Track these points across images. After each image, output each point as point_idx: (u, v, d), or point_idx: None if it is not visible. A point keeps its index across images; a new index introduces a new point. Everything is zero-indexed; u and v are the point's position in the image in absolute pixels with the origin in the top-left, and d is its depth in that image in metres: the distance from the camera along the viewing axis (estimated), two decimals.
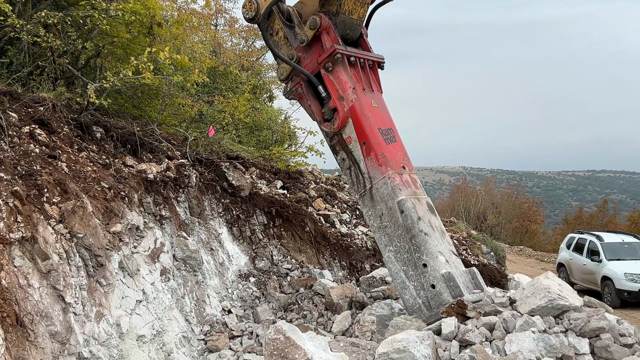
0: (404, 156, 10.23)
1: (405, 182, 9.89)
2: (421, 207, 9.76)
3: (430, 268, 9.25)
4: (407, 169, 10.10)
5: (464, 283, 9.33)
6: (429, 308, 9.27)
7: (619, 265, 21.55)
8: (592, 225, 54.74)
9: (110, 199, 9.37)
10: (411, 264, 9.45)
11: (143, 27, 13.15)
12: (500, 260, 18.77)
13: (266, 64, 26.48)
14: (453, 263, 9.52)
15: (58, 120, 10.22)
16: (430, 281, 9.23)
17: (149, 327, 9.02)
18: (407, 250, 9.51)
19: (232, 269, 12.25)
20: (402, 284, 9.55)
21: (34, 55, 11.88)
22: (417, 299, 9.36)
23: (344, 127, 10.14)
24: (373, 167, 9.91)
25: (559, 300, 8.56)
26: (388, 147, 9.98)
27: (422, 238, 9.37)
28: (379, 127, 10.12)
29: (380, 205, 9.83)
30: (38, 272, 7.38)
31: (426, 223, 9.57)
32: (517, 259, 35.82)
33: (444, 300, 9.07)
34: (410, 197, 9.71)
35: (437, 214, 10.14)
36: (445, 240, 9.88)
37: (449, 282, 9.09)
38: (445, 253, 9.49)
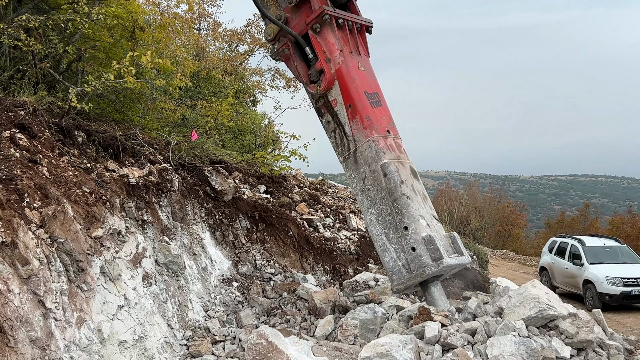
0: (389, 120, 10.29)
1: (389, 145, 9.94)
2: (404, 171, 9.80)
3: (411, 231, 9.30)
4: (392, 133, 10.15)
5: (444, 247, 9.40)
6: (409, 270, 9.34)
7: (601, 269, 21.71)
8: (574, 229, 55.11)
9: (91, 203, 9.32)
10: (392, 227, 9.50)
11: (125, 31, 13.12)
12: (483, 264, 18.82)
13: (249, 68, 26.46)
14: (434, 227, 9.60)
15: (39, 124, 10.15)
16: (411, 244, 9.30)
17: (131, 333, 8.96)
18: (388, 213, 9.55)
19: (215, 274, 12.21)
20: (383, 246, 9.61)
21: (15, 59, 11.79)
22: (397, 262, 9.44)
23: (330, 90, 10.17)
24: (358, 130, 9.96)
25: (548, 310, 8.64)
26: (374, 110, 10.03)
27: (404, 201, 9.43)
28: (365, 90, 10.17)
29: (364, 168, 9.88)
30: (18, 278, 7.31)
31: (409, 187, 9.62)
32: (500, 263, 35.97)
33: (424, 262, 9.14)
34: (394, 160, 9.76)
35: (420, 179, 10.20)
36: (427, 204, 9.92)
37: (430, 245, 9.17)
38: (426, 217, 9.56)
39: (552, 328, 8.70)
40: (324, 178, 23.87)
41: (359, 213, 17.81)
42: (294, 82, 26.05)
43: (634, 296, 20.86)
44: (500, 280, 10.58)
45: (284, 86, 25.74)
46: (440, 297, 9.74)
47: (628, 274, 21.26)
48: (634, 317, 19.83)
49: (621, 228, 55.73)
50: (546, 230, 65.86)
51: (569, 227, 59.13)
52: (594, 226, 60.55)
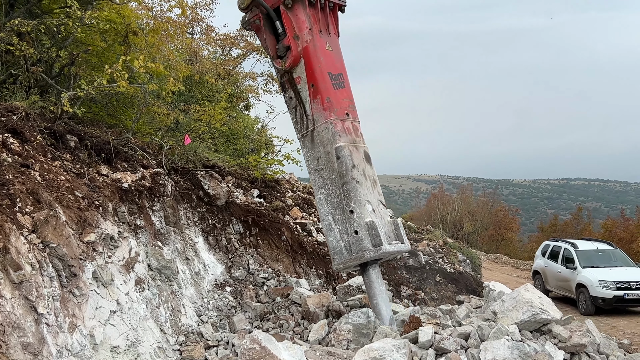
0: (350, 103, 10.45)
1: (346, 129, 10.13)
2: (358, 156, 10.02)
3: (356, 215, 9.62)
4: (351, 116, 10.34)
5: (386, 233, 9.77)
6: (350, 252, 9.69)
7: (594, 273, 21.74)
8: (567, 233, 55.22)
9: (84, 208, 9.29)
10: (339, 209, 9.80)
11: (118, 35, 13.09)
12: (476, 268, 18.84)
13: (243, 73, 26.46)
14: (379, 213, 9.91)
15: (31, 129, 10.12)
16: (354, 227, 9.63)
17: (124, 338, 8.93)
18: (337, 195, 9.83)
19: (208, 279, 12.18)
20: (329, 226, 9.93)
21: (7, 64, 11.76)
22: (340, 242, 9.77)
23: (295, 67, 10.28)
24: (318, 110, 10.12)
25: (541, 314, 8.66)
26: (335, 92, 10.18)
27: (353, 185, 9.72)
28: (330, 71, 10.28)
29: (319, 149, 10.10)
30: (10, 283, 7.28)
31: (360, 172, 9.87)
32: (493, 267, 36.03)
33: (364, 247, 9.49)
34: (349, 144, 9.96)
35: (373, 164, 10.43)
36: (376, 190, 10.21)
37: (371, 230, 9.48)
38: (373, 202, 9.85)
39: (545, 332, 8.73)
40: None
41: None
42: None
43: (626, 300, 20.90)
44: (493, 285, 10.61)
45: (277, 90, 25.73)
46: (376, 279, 10.10)
47: (621, 277, 21.29)
48: (627, 320, 19.87)
49: (614, 231, 55.92)
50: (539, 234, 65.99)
51: (562, 231, 59.27)
52: (587, 230, 60.71)
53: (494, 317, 9.07)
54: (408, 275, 15.58)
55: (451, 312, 10.27)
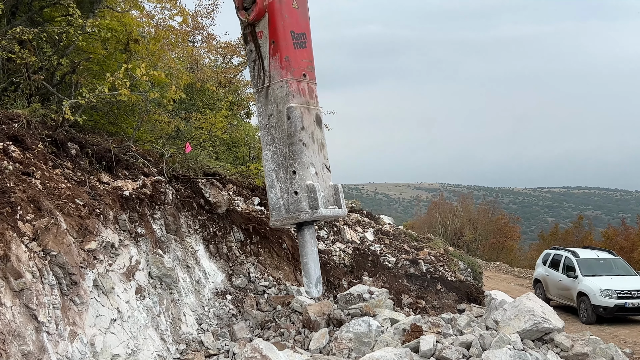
0: (309, 64, 10.54)
1: (301, 89, 10.25)
2: (309, 118, 10.18)
3: (298, 176, 9.93)
4: (308, 77, 10.42)
5: (326, 197, 10.09)
6: (287, 211, 10.03)
7: (595, 281, 21.70)
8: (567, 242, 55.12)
9: (85, 216, 9.28)
10: (283, 168, 10.05)
11: (119, 43, 13.12)
12: (477, 277, 18.82)
13: (244, 81, 26.50)
14: (322, 176, 10.18)
15: (32, 136, 10.12)
16: (295, 188, 9.94)
17: (124, 346, 8.90)
18: (283, 154, 10.04)
19: (209, 287, 12.16)
20: (271, 183, 10.19)
21: (9, 72, 11.77)
22: (280, 200, 10.08)
23: (259, 21, 10.29)
24: (275, 67, 10.18)
25: (543, 323, 8.63)
26: (295, 52, 10.25)
27: (299, 147, 9.95)
28: (293, 29, 10.32)
29: (272, 106, 10.22)
30: (11, 291, 7.26)
31: (308, 134, 10.06)
32: (494, 275, 35.97)
33: (302, 208, 9.84)
34: (302, 105, 10.11)
35: (323, 128, 10.65)
36: (322, 153, 10.40)
37: (311, 193, 9.79)
38: (317, 165, 10.13)
39: (547, 341, 8.70)
40: None
41: (354, 225, 17.81)
42: None
43: (628, 308, 20.86)
44: (495, 293, 10.57)
45: None
46: (310, 240, 10.46)
47: (622, 286, 21.25)
48: (629, 329, 19.82)
49: (615, 240, 55.86)
50: (540, 243, 65.89)
51: (563, 240, 59.17)
52: (588, 238, 60.61)
53: (495, 326, 9.04)
54: (409, 283, 15.55)
55: (452, 321, 10.23)
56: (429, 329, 9.40)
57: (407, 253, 16.96)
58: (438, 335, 9.02)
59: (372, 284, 14.20)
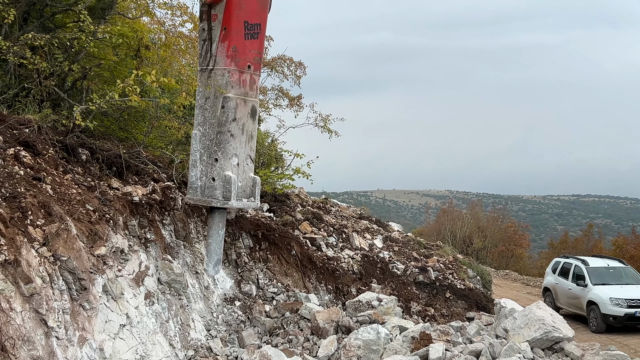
0: (257, 55, 10.74)
1: (242, 81, 10.50)
2: (243, 109, 10.48)
3: (219, 164, 10.33)
4: (253, 68, 10.65)
5: (242, 187, 10.56)
6: (202, 194, 10.51)
7: (605, 290, 21.54)
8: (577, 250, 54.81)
9: (94, 221, 9.30)
10: (208, 152, 10.40)
11: (130, 49, 13.17)
12: (486, 285, 18.71)
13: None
14: (243, 167, 10.59)
15: (43, 142, 10.17)
16: (214, 174, 10.38)
17: (133, 352, 8.91)
18: (211, 139, 10.38)
19: (218, 293, 12.16)
20: (194, 162, 10.57)
21: (20, 77, 11.83)
22: (198, 181, 10.51)
23: (216, 5, 10.42)
24: (222, 54, 10.36)
25: (553, 332, 8.58)
26: (245, 42, 10.42)
27: (226, 137, 10.32)
28: (247, 20, 10.45)
29: (211, 90, 10.47)
30: (21, 296, 7.28)
31: (239, 126, 10.41)
32: (503, 283, 35.79)
33: (215, 195, 10.33)
34: (238, 97, 10.39)
35: (257, 119, 11.01)
36: (249, 145, 10.77)
37: (227, 184, 10.24)
38: (241, 156, 10.52)
39: (557, 350, 8.64)
40: (326, 197, 23.84)
41: (362, 232, 17.78)
42: (298, 101, 26.12)
43: (638, 318, 20.68)
44: (505, 302, 10.51)
45: (288, 105, 25.76)
46: (218, 223, 10.94)
47: (632, 295, 21.08)
48: (639, 339, 19.67)
49: (625, 249, 55.47)
50: (549, 251, 65.51)
51: (573, 248, 58.83)
52: (598, 247, 60.21)
53: (505, 335, 9.00)
54: (418, 291, 15.49)
55: (462, 329, 10.19)
56: (438, 337, 9.37)
57: (416, 260, 16.90)
58: (447, 343, 8.98)
59: (381, 291, 14.16)
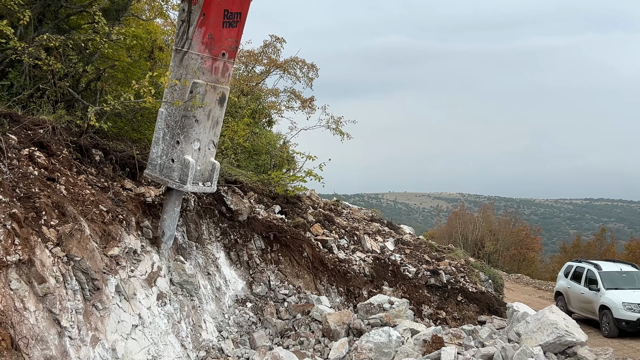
0: (233, 43, 10.67)
1: (214, 68, 10.46)
2: (211, 96, 10.49)
3: (180, 147, 10.34)
4: (227, 56, 10.60)
5: (201, 171, 10.59)
6: (160, 172, 10.50)
7: (617, 295, 21.40)
8: (590, 254, 54.51)
9: (108, 222, 9.34)
10: (171, 132, 10.42)
11: (144, 51, 13.22)
12: (498, 288, 18.67)
13: (265, 89, 26.59)
14: (204, 152, 10.63)
15: (57, 142, 10.22)
16: (173, 156, 10.37)
17: (145, 352, 8.94)
18: (176, 120, 10.39)
19: (229, 294, 12.18)
20: (157, 140, 10.58)
21: (35, 78, 11.90)
22: (158, 159, 10.51)
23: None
24: (197, 39, 10.28)
25: (566, 336, 8.54)
26: (222, 30, 10.36)
27: (190, 122, 10.34)
28: (227, 8, 10.40)
29: (183, 71, 10.42)
30: (34, 296, 7.32)
31: (205, 112, 10.44)
32: (515, 287, 35.64)
33: (172, 176, 10.34)
34: (208, 83, 10.38)
35: (225, 106, 10.94)
36: (214, 131, 10.81)
37: (185, 168, 10.26)
38: (203, 141, 10.56)
39: (570, 355, 8.60)
40: (338, 199, 23.84)
41: (374, 235, 17.77)
42: (310, 103, 26.15)
43: None
44: (517, 306, 10.47)
45: (300, 107, 25.83)
46: (174, 202, 10.87)
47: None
48: None
49: (638, 253, 55.11)
50: (561, 255, 65.18)
51: (585, 252, 58.52)
52: (610, 251, 59.87)
53: (517, 339, 8.97)
54: (429, 294, 15.47)
55: (474, 333, 10.17)
56: (450, 340, 9.34)
57: (427, 263, 16.88)
58: (459, 346, 8.96)
59: (392, 294, 14.14)
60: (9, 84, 11.58)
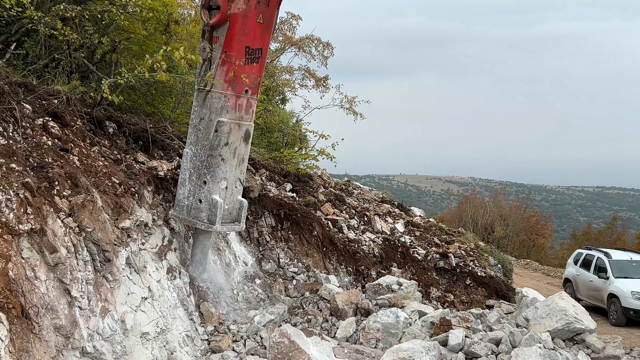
0: (256, 79, 10.60)
1: (238, 105, 10.40)
2: (236, 134, 10.41)
3: (207, 187, 10.27)
4: (250, 92, 10.55)
5: (229, 210, 10.52)
6: (188, 213, 10.42)
7: (626, 283, 21.33)
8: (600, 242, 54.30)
9: (120, 194, 9.37)
10: (197, 173, 10.35)
11: (160, 24, 13.16)
12: (507, 273, 18.61)
13: (280, 67, 26.50)
14: (232, 190, 10.56)
15: (71, 113, 10.23)
16: (201, 196, 10.30)
17: (153, 325, 8.99)
18: (201, 160, 10.31)
19: (238, 270, 12.22)
20: (183, 181, 10.49)
21: (50, 48, 11.89)
22: (185, 200, 10.42)
23: (219, 27, 10.23)
24: (220, 77, 10.22)
25: (575, 323, 8.52)
26: (244, 67, 10.28)
27: (216, 161, 10.26)
28: (249, 45, 10.30)
29: (206, 111, 10.35)
30: (45, 265, 7.36)
31: (231, 150, 10.35)
32: (523, 273, 35.58)
33: (200, 217, 10.28)
34: (233, 121, 10.31)
35: (250, 142, 10.91)
36: (240, 168, 10.73)
37: (213, 208, 10.19)
38: (230, 180, 10.48)
39: (578, 342, 8.58)
40: (349, 179, 23.82)
41: (384, 216, 17.75)
42: (324, 82, 26.06)
43: None
44: (526, 291, 10.44)
45: (314, 86, 25.75)
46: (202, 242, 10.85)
47: None
48: None
49: None
50: (571, 242, 65.02)
51: (595, 240, 58.33)
52: (621, 240, 59.63)
53: (526, 324, 8.95)
54: (438, 277, 15.45)
55: (482, 317, 10.16)
56: (458, 323, 9.34)
57: (437, 246, 16.84)
58: (467, 330, 8.96)
59: (401, 275, 14.13)
60: (24, 53, 11.58)
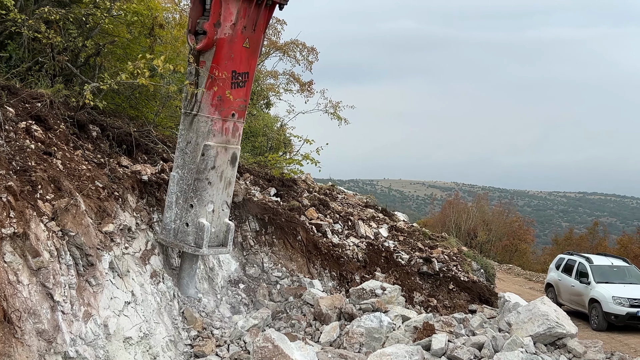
0: (242, 102, 10.66)
1: (224, 129, 10.44)
2: (223, 157, 10.45)
3: (194, 211, 10.32)
4: (237, 116, 10.59)
5: (215, 233, 10.58)
6: (175, 237, 10.44)
7: (607, 288, 21.51)
8: (581, 247, 54.69)
9: (103, 198, 9.33)
10: (184, 196, 10.38)
11: (144, 27, 13.14)
12: (489, 278, 18.72)
13: (264, 71, 26.52)
14: (219, 213, 10.62)
15: (55, 117, 10.18)
16: (188, 220, 10.34)
17: (136, 330, 8.95)
18: (188, 183, 10.35)
19: (222, 275, 12.20)
20: (170, 204, 10.50)
21: (34, 51, 11.84)
22: (172, 223, 10.44)
23: (205, 51, 10.26)
24: (206, 101, 10.26)
25: (557, 328, 8.60)
26: (231, 91, 10.33)
27: (203, 185, 10.31)
28: (235, 69, 10.36)
29: (193, 134, 10.37)
30: (28, 269, 7.32)
31: (217, 173, 10.40)
32: (506, 277, 35.79)
33: (187, 240, 10.31)
34: (219, 145, 10.35)
35: (237, 165, 10.96)
36: (227, 191, 10.78)
37: (199, 232, 10.24)
38: (217, 203, 10.55)
39: (559, 346, 8.66)
40: (333, 184, 23.88)
41: (368, 221, 17.80)
42: (309, 87, 26.13)
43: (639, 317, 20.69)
44: (509, 296, 10.52)
45: (298, 90, 25.83)
46: (189, 265, 10.87)
47: (635, 294, 21.03)
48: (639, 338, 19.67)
49: (629, 248, 55.37)
50: (553, 247, 65.44)
51: (577, 245, 58.73)
52: (602, 245, 60.10)
53: (508, 329, 9.01)
54: (421, 281, 15.51)
55: (465, 321, 10.22)
56: (441, 327, 9.39)
57: (420, 251, 16.91)
58: (450, 334, 9.01)
59: (385, 280, 14.17)
60: (7, 56, 11.52)
